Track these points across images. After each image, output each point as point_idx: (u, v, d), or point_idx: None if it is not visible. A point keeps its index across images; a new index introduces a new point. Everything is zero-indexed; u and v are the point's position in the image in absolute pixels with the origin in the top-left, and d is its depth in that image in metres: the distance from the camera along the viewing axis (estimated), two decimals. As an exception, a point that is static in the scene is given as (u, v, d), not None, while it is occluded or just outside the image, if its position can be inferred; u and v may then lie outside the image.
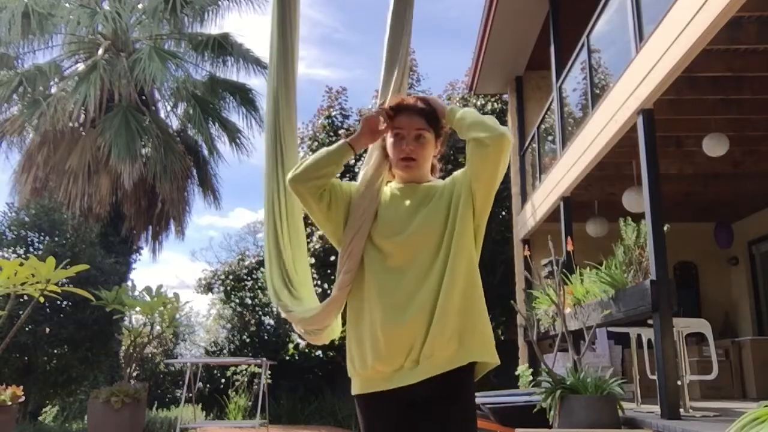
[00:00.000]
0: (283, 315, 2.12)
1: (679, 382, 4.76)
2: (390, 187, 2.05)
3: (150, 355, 14.54)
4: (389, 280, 1.87)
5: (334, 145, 1.98)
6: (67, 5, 13.25)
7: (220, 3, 13.74)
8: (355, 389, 1.96)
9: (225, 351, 13.87)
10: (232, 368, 12.67)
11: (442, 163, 2.06)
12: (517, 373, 8.52)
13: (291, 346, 13.34)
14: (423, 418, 1.86)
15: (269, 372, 9.78)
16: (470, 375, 1.88)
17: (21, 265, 5.36)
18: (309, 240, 11.55)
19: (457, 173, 1.99)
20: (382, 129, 2.00)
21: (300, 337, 12.72)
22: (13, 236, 9.69)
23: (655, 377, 4.68)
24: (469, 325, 1.85)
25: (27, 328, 8.75)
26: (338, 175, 2.05)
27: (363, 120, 2.00)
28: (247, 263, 14.74)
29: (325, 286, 11.32)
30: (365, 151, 2.12)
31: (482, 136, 1.85)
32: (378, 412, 1.91)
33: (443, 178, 2.09)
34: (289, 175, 1.95)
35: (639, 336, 5.51)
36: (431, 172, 2.07)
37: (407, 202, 1.96)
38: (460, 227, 1.89)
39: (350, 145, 1.97)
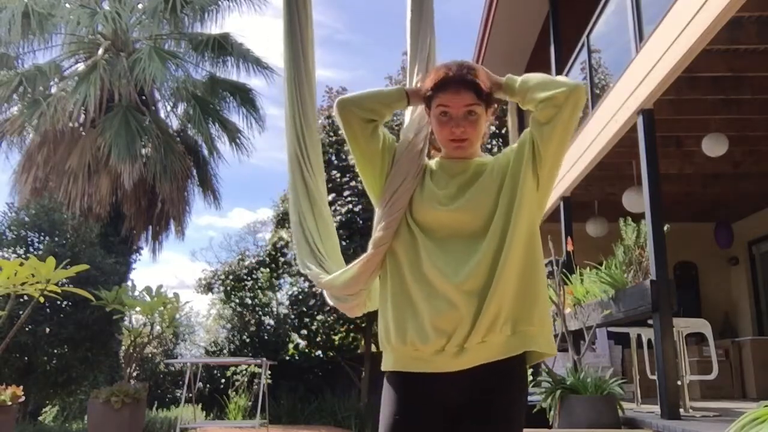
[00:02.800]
0: (314, 284, 1.99)
1: (679, 382, 4.76)
2: (436, 161, 1.86)
3: (150, 355, 14.53)
4: (434, 250, 1.68)
5: (391, 88, 1.85)
6: (67, 5, 13.24)
7: (220, 3, 13.74)
8: (387, 364, 1.72)
9: (225, 351, 13.87)
10: (232, 368, 12.68)
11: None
12: (517, 373, 8.51)
13: (291, 346, 13.34)
14: (464, 417, 1.64)
15: (269, 372, 9.78)
16: (522, 365, 1.68)
17: (21, 265, 5.36)
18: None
19: (511, 146, 1.81)
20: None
21: (306, 338, 12.70)
22: (13, 236, 9.69)
23: (655, 377, 4.69)
24: (526, 310, 1.65)
25: (27, 328, 8.74)
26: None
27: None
28: (247, 263, 14.73)
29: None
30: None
31: (557, 92, 1.66)
32: (408, 397, 1.67)
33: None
34: (340, 98, 1.80)
35: (639, 336, 5.51)
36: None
37: (454, 179, 1.77)
38: (520, 198, 1.68)
39: (407, 93, 1.82)
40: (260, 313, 14.35)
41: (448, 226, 1.70)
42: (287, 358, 13.11)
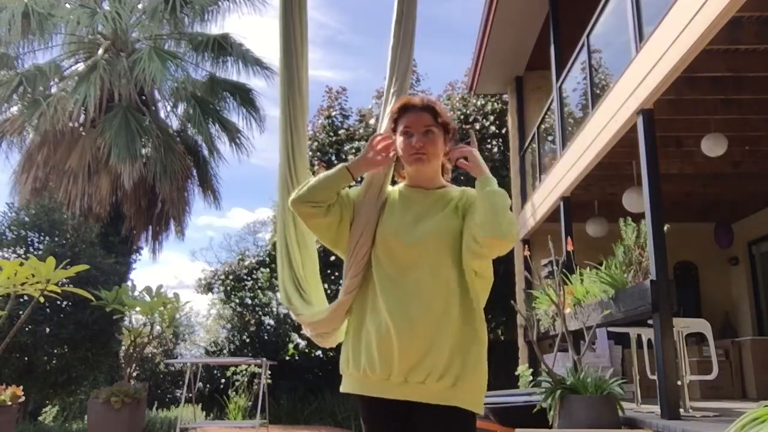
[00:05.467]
0: (294, 317, 2.16)
1: (679, 382, 4.76)
2: (399, 190, 2.05)
3: (150, 355, 14.54)
4: (390, 287, 1.87)
5: (333, 170, 1.99)
6: (67, 5, 13.25)
7: (220, 3, 13.74)
8: (344, 387, 1.97)
9: (225, 351, 13.87)
10: (232, 368, 12.67)
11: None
12: (517, 373, 8.52)
13: (291, 346, 13.34)
14: (421, 419, 1.85)
15: (269, 372, 9.78)
16: (464, 414, 1.82)
17: (21, 265, 5.36)
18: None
19: (472, 195, 1.96)
20: (384, 158, 1.99)
21: (306, 338, 12.70)
22: (13, 236, 9.69)
23: (655, 377, 4.68)
24: (469, 369, 1.81)
25: (27, 328, 8.75)
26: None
27: (369, 142, 2.01)
28: (247, 263, 14.73)
29: (325, 286, 11.30)
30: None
31: (487, 240, 1.80)
32: (372, 414, 1.92)
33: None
34: (291, 197, 1.98)
35: (639, 336, 5.51)
36: (442, 173, 2.06)
37: (416, 207, 1.96)
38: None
39: (348, 170, 1.97)
40: (260, 313, 14.35)
41: (401, 260, 1.89)
42: (287, 358, 13.10)
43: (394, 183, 2.11)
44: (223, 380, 12.94)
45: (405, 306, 1.82)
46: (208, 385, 13.08)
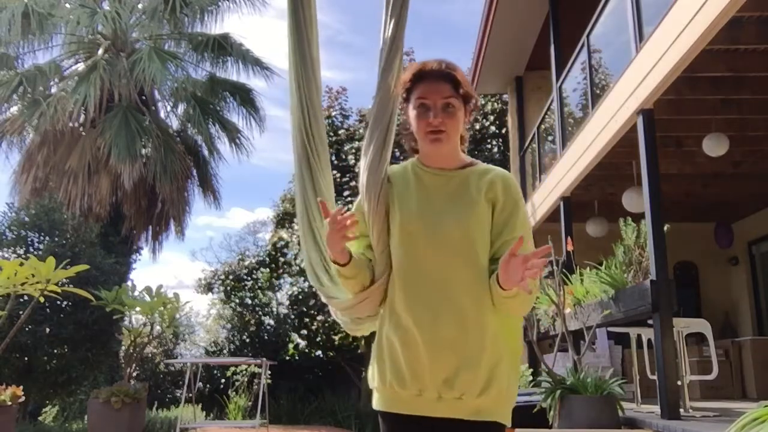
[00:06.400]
0: (324, 300, 1.96)
1: (679, 382, 4.76)
2: (413, 171, 1.77)
3: (150, 355, 14.54)
4: (413, 289, 1.65)
5: (338, 268, 1.70)
6: (67, 5, 13.24)
7: (219, 3, 13.74)
8: (375, 403, 1.74)
9: (225, 351, 13.88)
10: (232, 368, 12.68)
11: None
12: (517, 373, 8.50)
13: (291, 346, 13.34)
14: None
15: (269, 372, 9.78)
16: (499, 428, 1.65)
17: (21, 265, 5.36)
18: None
19: (500, 191, 1.69)
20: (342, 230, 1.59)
21: (306, 338, 12.70)
22: (13, 236, 9.69)
23: (655, 377, 4.68)
24: (508, 380, 1.64)
25: (27, 328, 8.75)
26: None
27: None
28: (247, 263, 14.74)
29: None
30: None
31: (515, 311, 1.66)
32: None
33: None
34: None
35: (639, 336, 5.51)
36: (461, 143, 1.78)
37: (438, 195, 1.70)
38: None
39: (335, 262, 1.69)
40: (260, 313, 14.36)
41: (425, 258, 1.65)
42: (287, 358, 13.10)
43: (403, 158, 1.87)
44: (223, 380, 12.95)
45: (433, 311, 1.61)
46: (208, 385, 13.09)
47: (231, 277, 14.58)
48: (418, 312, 1.62)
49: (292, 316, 13.23)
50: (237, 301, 14.36)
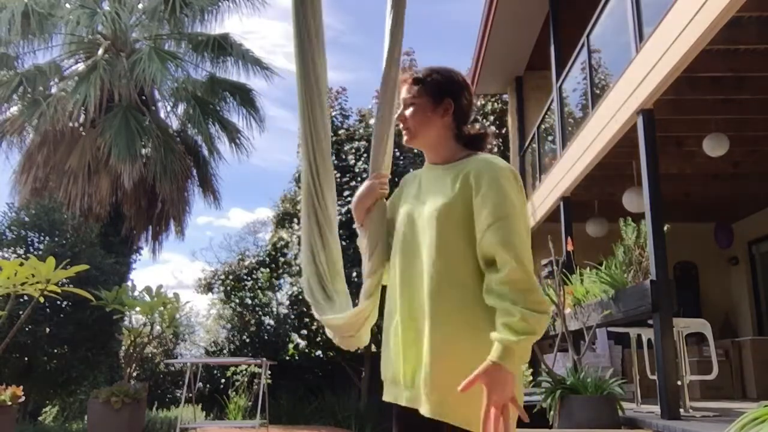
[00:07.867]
0: (317, 316, 2.00)
1: (679, 382, 4.76)
2: (420, 174, 1.86)
3: (150, 355, 14.53)
4: (400, 280, 1.71)
5: (361, 245, 1.89)
6: (67, 5, 13.24)
7: (219, 4, 13.74)
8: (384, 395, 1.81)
9: (225, 351, 13.87)
10: (232, 368, 12.67)
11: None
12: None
13: (291, 346, 13.33)
14: None
15: (269, 372, 9.78)
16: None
17: (21, 265, 5.36)
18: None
19: (472, 181, 1.62)
20: (371, 201, 1.85)
21: (306, 338, 12.72)
22: (13, 236, 9.68)
23: (655, 377, 4.68)
24: (454, 380, 1.51)
25: (27, 328, 8.74)
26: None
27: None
28: (247, 263, 14.73)
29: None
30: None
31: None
32: (395, 422, 1.75)
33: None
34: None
35: (639, 336, 5.51)
36: (458, 137, 1.76)
37: (428, 187, 1.73)
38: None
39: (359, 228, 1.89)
40: (260, 313, 14.34)
41: (407, 248, 1.70)
42: (287, 358, 13.09)
43: (403, 158, 1.96)
44: (223, 380, 12.94)
45: (409, 301, 1.65)
46: (208, 385, 13.08)
47: (231, 277, 14.57)
48: (402, 304, 1.69)
49: (292, 316, 13.22)
50: (237, 301, 14.35)
